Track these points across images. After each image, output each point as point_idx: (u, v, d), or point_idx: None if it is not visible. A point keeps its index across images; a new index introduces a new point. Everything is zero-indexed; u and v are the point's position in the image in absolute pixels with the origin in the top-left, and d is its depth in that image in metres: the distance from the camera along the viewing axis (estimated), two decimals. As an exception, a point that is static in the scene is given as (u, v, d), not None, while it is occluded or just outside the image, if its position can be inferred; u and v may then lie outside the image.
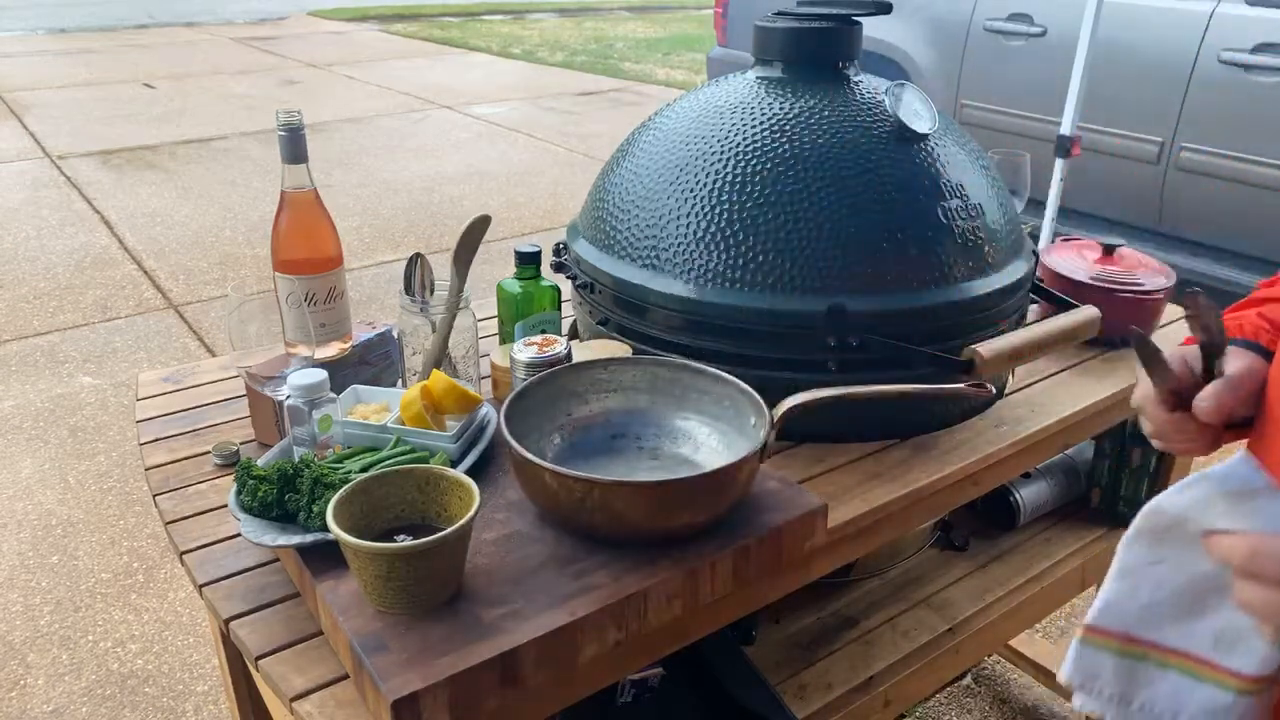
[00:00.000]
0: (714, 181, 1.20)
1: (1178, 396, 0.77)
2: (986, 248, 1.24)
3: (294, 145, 1.15)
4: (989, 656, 2.12)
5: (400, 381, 1.30)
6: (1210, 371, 0.77)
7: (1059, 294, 1.39)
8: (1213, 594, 0.67)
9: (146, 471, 1.18)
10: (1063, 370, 1.42)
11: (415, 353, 1.26)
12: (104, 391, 3.25)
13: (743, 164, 1.20)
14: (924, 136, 1.24)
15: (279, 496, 0.95)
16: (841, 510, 1.08)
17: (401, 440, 1.06)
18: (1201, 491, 0.62)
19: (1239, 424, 0.78)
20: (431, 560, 0.84)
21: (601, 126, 7.21)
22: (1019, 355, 1.18)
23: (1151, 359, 0.77)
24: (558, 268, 1.42)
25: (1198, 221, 3.40)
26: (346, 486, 0.90)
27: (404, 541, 0.84)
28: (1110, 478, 1.68)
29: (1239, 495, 0.60)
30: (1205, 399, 0.76)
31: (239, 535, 1.03)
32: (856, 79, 1.31)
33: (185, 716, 1.96)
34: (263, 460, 1.02)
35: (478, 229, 1.23)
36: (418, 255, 1.24)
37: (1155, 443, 0.82)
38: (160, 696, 2.01)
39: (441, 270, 1.23)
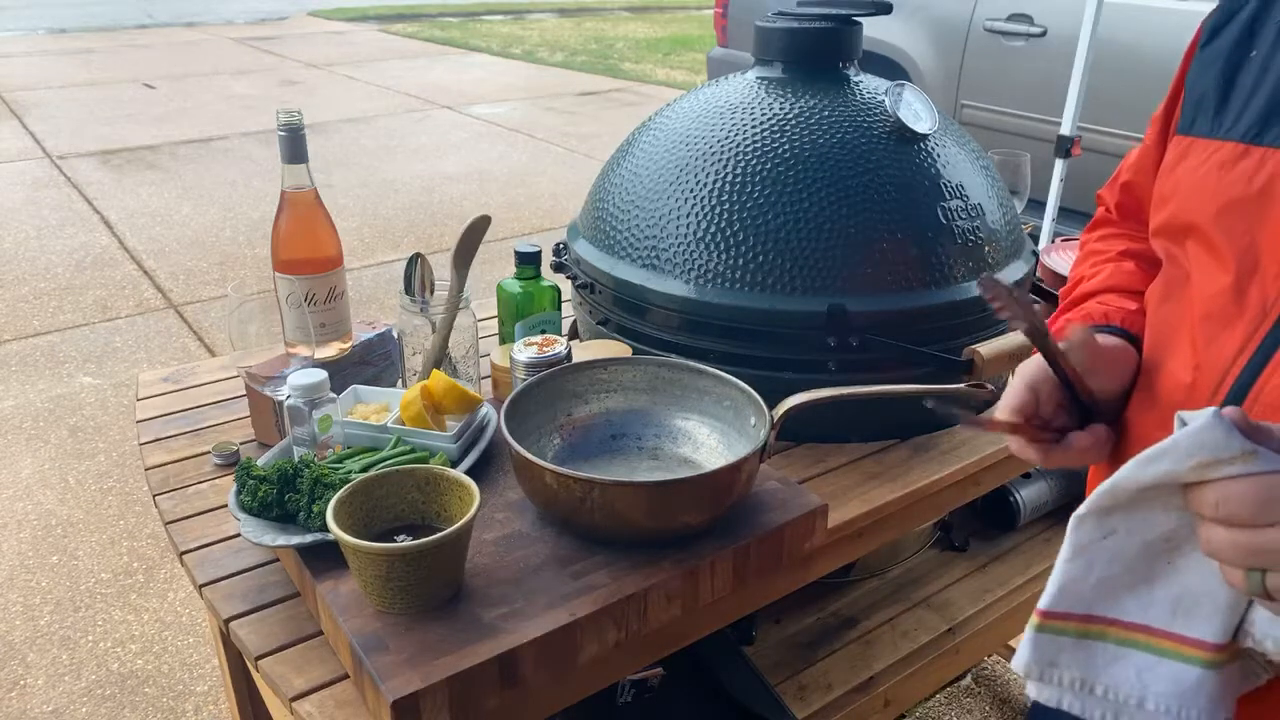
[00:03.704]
0: (714, 181, 1.20)
1: (1048, 427, 0.75)
2: (986, 248, 1.24)
3: (294, 145, 1.15)
4: (989, 656, 2.12)
5: (400, 381, 1.30)
6: (1052, 357, 0.73)
7: (1059, 294, 1.39)
8: (1166, 557, 0.65)
9: (146, 471, 1.18)
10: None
11: (415, 353, 1.26)
12: (104, 391, 3.25)
13: (743, 164, 1.20)
14: (924, 136, 1.24)
15: (279, 496, 0.95)
16: (841, 510, 1.09)
17: (401, 440, 1.06)
18: (1167, 465, 0.59)
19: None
20: (431, 560, 0.84)
21: (601, 126, 7.21)
22: (1019, 355, 1.18)
23: (982, 425, 0.75)
24: (558, 268, 1.42)
25: (1198, 221, 3.39)
26: (346, 486, 0.90)
27: (404, 542, 0.84)
28: (1110, 478, 1.68)
29: (1212, 464, 0.57)
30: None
31: (239, 535, 1.03)
32: (856, 79, 1.31)
33: (185, 716, 1.96)
34: (263, 460, 1.01)
35: (478, 229, 1.23)
36: (418, 255, 1.24)
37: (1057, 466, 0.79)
38: (160, 696, 2.01)
39: (441, 270, 1.23)
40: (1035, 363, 0.77)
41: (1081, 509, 0.66)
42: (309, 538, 0.92)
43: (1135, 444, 0.76)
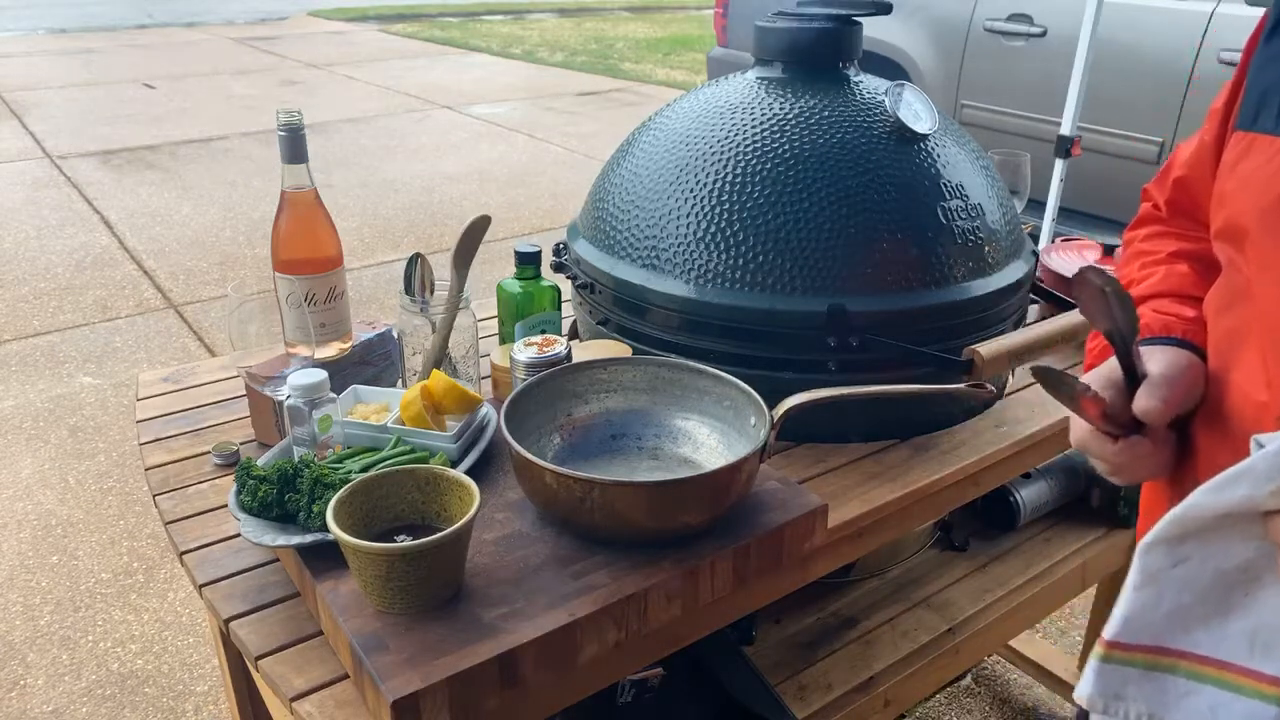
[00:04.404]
0: (714, 181, 1.20)
1: (1114, 422, 0.71)
2: (986, 248, 1.24)
3: (294, 145, 1.15)
4: (989, 656, 2.12)
5: (400, 381, 1.30)
6: (1130, 369, 0.70)
7: (1059, 294, 1.39)
8: (1243, 588, 0.61)
9: (146, 471, 1.18)
10: (1063, 370, 1.41)
11: (415, 353, 1.26)
12: (104, 391, 3.25)
13: (743, 164, 1.20)
14: (924, 136, 1.24)
15: (279, 496, 0.95)
16: (841, 510, 1.08)
17: (401, 440, 1.06)
18: (1245, 490, 0.56)
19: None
20: (431, 560, 0.84)
21: (601, 126, 7.21)
22: (1019, 355, 1.18)
23: (1062, 387, 0.69)
24: (558, 268, 1.42)
25: (1198, 221, 3.39)
26: (346, 486, 0.90)
27: (404, 542, 0.84)
28: (1110, 478, 1.68)
29: None
30: (1144, 398, 0.69)
31: (239, 535, 1.03)
32: (856, 79, 1.31)
33: (185, 716, 1.96)
34: (263, 460, 1.01)
35: (478, 229, 1.23)
36: (418, 255, 1.24)
37: (1114, 478, 0.75)
38: (160, 696, 2.01)
39: (441, 270, 1.23)
40: (1103, 373, 0.72)
41: (1150, 536, 0.63)
42: (309, 538, 0.92)
43: (1202, 463, 0.72)
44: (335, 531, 0.84)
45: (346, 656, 0.86)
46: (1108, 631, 0.65)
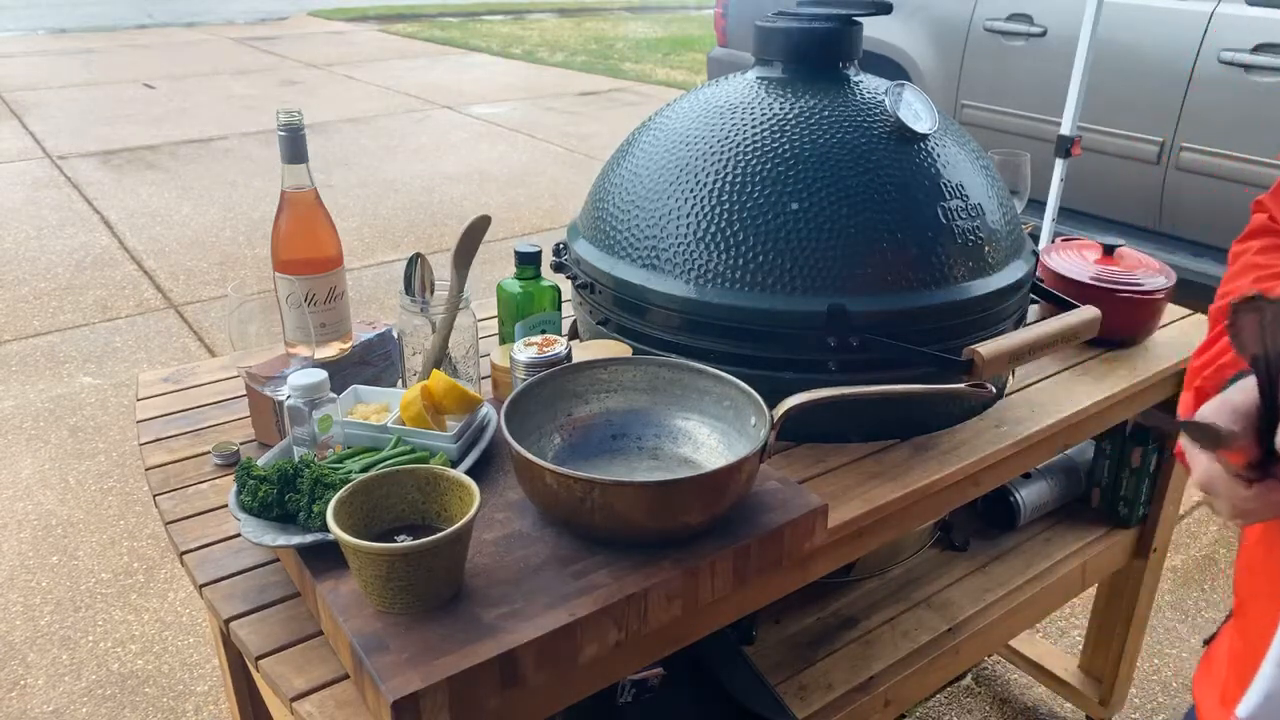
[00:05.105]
0: (714, 181, 1.20)
1: (1249, 466, 0.66)
2: (986, 248, 1.24)
3: (294, 145, 1.15)
4: (989, 656, 2.12)
5: (400, 381, 1.30)
6: (1272, 402, 0.64)
7: (1059, 294, 1.39)
8: None
9: (146, 471, 1.18)
10: (1063, 370, 1.42)
11: (415, 353, 1.26)
12: (104, 391, 3.25)
13: (743, 164, 1.20)
14: (924, 136, 1.24)
15: (279, 496, 0.95)
16: (841, 510, 1.08)
17: (401, 440, 1.06)
18: None
19: None
20: (431, 560, 0.84)
21: (601, 126, 7.21)
22: (1019, 355, 1.18)
23: (1209, 438, 0.64)
24: (558, 268, 1.42)
25: (1198, 221, 3.40)
26: (346, 486, 0.90)
27: (404, 542, 0.84)
28: (1110, 478, 1.69)
29: None
30: None
31: (239, 535, 1.03)
32: (856, 79, 1.31)
33: (185, 716, 1.96)
34: (263, 460, 1.01)
35: (478, 229, 1.23)
36: (418, 255, 1.24)
37: (1235, 520, 0.70)
38: (160, 696, 2.01)
39: (441, 270, 1.23)
40: (1231, 404, 0.67)
41: None
42: (309, 538, 0.92)
43: None
44: (335, 531, 0.84)
45: (346, 656, 0.87)
46: (1244, 709, 0.60)
